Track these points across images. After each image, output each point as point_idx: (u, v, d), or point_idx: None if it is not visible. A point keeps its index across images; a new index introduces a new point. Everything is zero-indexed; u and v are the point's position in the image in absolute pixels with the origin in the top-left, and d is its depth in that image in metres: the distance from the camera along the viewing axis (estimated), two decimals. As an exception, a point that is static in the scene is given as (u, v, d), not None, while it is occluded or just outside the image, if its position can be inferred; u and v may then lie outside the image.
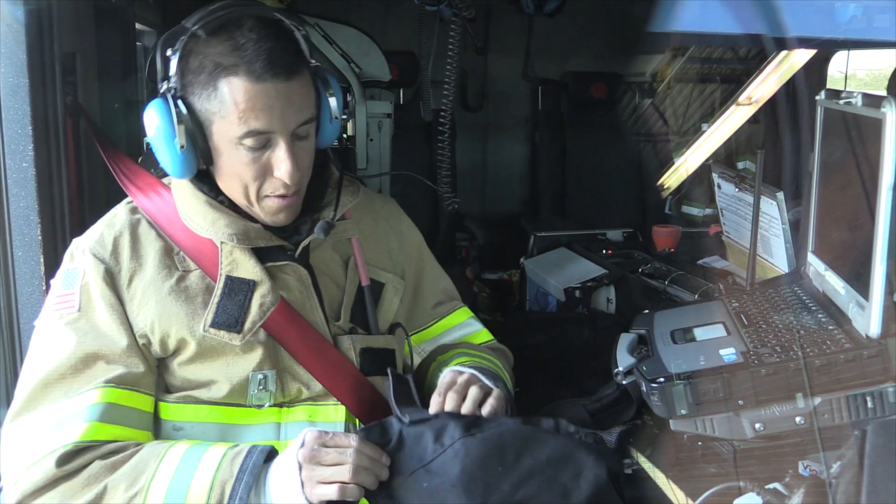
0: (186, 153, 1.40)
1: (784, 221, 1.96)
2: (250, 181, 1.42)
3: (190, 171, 1.44)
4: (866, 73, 4.37)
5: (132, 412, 1.40)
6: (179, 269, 1.48)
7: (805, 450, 1.33)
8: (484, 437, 1.30)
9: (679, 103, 4.30)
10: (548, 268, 2.92)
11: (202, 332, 1.43)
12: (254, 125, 1.36)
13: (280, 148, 1.40)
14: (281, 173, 1.41)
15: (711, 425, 1.36)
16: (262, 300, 1.46)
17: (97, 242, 1.48)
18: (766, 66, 3.22)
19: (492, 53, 4.24)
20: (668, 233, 2.95)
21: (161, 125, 1.39)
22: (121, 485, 1.31)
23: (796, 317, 1.47)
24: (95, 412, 1.35)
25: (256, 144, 1.39)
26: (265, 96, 1.35)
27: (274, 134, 1.39)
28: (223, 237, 1.46)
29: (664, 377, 1.38)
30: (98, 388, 1.37)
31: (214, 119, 1.38)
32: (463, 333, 1.78)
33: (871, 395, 1.27)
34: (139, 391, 1.42)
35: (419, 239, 1.80)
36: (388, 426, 1.35)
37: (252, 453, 1.32)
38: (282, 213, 1.48)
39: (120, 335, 1.42)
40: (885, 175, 1.20)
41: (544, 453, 1.31)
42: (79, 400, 1.36)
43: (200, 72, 1.37)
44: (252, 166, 1.41)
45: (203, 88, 1.37)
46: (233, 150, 1.40)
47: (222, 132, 1.39)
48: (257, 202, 1.45)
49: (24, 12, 1.67)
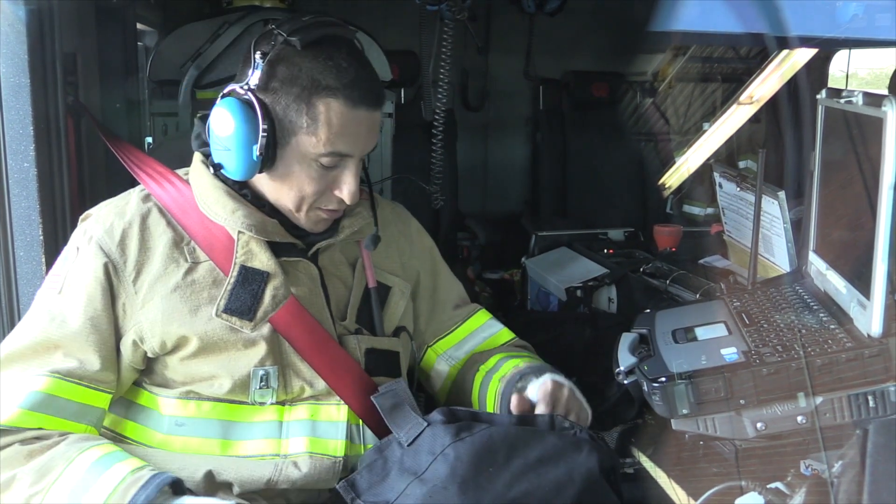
0: (258, 160, 1.42)
1: (785, 220, 1.96)
2: (309, 194, 1.47)
3: (252, 175, 1.46)
4: (867, 72, 4.36)
5: (73, 405, 1.41)
6: (188, 261, 1.49)
7: (807, 449, 1.33)
8: (473, 441, 1.31)
9: (680, 102, 4.29)
10: (549, 267, 2.92)
11: (212, 316, 1.44)
12: (339, 147, 1.43)
13: (349, 170, 1.46)
14: (343, 194, 1.47)
15: (713, 425, 1.37)
16: (275, 292, 1.48)
17: (106, 233, 1.48)
18: (767, 65, 3.22)
19: (493, 53, 4.23)
20: (669, 232, 2.94)
21: (242, 128, 1.41)
22: (27, 478, 1.32)
23: (798, 316, 1.47)
24: (30, 400, 1.37)
25: (331, 164, 1.44)
26: (356, 123, 1.43)
27: (350, 158, 1.45)
28: (242, 227, 1.48)
29: (666, 377, 1.38)
30: (44, 376, 1.39)
31: (299, 133, 1.42)
32: (487, 335, 1.79)
33: (872, 395, 1.27)
34: (88, 386, 1.42)
35: (430, 244, 1.81)
36: (388, 456, 1.38)
37: (149, 485, 1.28)
38: (323, 223, 1.54)
39: (81, 327, 1.43)
40: (886, 174, 1.20)
41: (535, 452, 1.31)
42: (23, 382, 1.38)
43: (293, 83, 1.40)
44: (318, 182, 1.46)
45: (295, 101, 1.41)
46: (305, 164, 1.44)
47: (302, 146, 1.43)
48: (307, 212, 1.50)
49: (26, 12, 1.67)
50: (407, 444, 1.37)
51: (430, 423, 1.38)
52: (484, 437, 1.32)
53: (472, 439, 1.32)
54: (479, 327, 1.79)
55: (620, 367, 1.51)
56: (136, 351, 1.46)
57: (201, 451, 1.46)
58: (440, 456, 1.30)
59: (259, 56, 1.41)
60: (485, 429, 1.34)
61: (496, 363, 1.65)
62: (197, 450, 1.46)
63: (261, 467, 1.44)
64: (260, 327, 1.47)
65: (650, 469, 1.53)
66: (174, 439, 1.47)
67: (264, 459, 1.46)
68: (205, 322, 1.44)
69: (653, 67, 4.28)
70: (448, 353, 1.75)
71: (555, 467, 1.30)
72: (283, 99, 1.41)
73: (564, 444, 1.35)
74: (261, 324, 1.46)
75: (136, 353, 1.47)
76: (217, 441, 1.47)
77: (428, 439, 1.35)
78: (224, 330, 1.45)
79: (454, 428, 1.34)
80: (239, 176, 1.46)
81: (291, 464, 1.46)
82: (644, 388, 1.44)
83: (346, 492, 1.34)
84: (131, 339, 1.45)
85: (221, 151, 1.45)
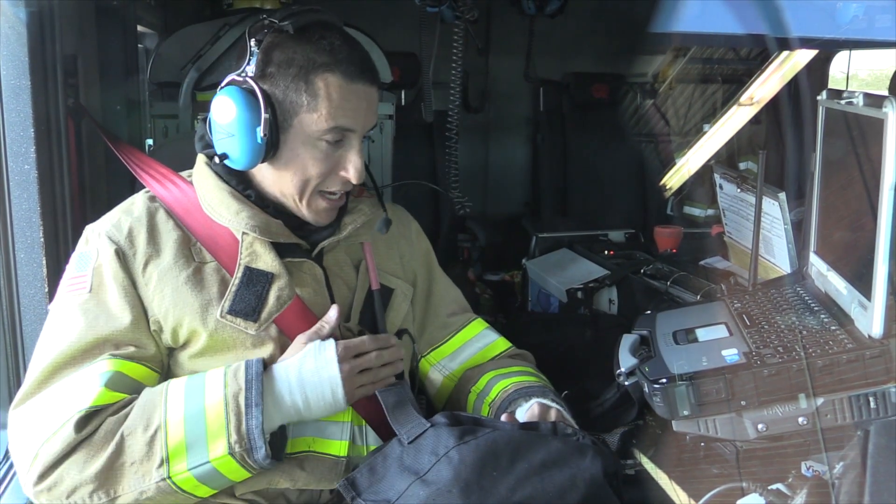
0: (262, 143, 1.44)
1: (786, 222, 1.96)
2: (315, 176, 1.48)
3: (257, 162, 1.47)
4: (868, 73, 4.36)
5: (138, 384, 1.42)
6: (196, 261, 1.50)
7: (808, 450, 1.33)
8: (478, 444, 1.31)
9: (681, 104, 4.29)
10: (550, 269, 2.92)
11: (218, 318, 1.45)
12: (342, 121, 1.45)
13: (354, 148, 1.48)
14: (349, 171, 1.48)
15: (714, 426, 1.37)
16: (279, 293, 1.49)
17: (114, 226, 1.50)
18: (767, 66, 3.22)
19: (493, 54, 4.23)
20: (669, 233, 2.94)
21: (245, 113, 1.43)
22: (137, 428, 1.34)
23: (798, 317, 1.47)
24: (105, 379, 1.38)
25: (335, 139, 1.46)
26: (355, 97, 1.45)
27: (353, 133, 1.47)
28: (246, 228, 1.49)
29: (666, 378, 1.38)
30: (106, 359, 1.40)
31: (301, 112, 1.44)
32: (481, 345, 1.79)
33: (873, 396, 1.27)
34: (147, 366, 1.44)
35: (428, 247, 1.82)
36: (388, 453, 1.38)
37: (250, 365, 1.39)
38: (325, 213, 1.54)
39: (128, 316, 1.44)
40: (886, 175, 1.20)
41: (538, 456, 1.31)
42: (89, 370, 1.39)
43: (290, 65, 1.43)
44: (324, 162, 1.47)
45: (294, 82, 1.43)
46: (309, 145, 1.46)
47: (306, 125, 1.45)
48: (310, 198, 1.50)
49: (26, 14, 1.67)
50: (408, 441, 1.37)
51: (433, 425, 1.38)
52: (488, 440, 1.32)
53: (477, 442, 1.31)
54: (473, 337, 1.79)
55: (621, 368, 1.51)
56: (158, 338, 1.48)
57: None
58: (444, 458, 1.30)
59: (254, 44, 1.44)
60: (489, 432, 1.34)
61: (486, 385, 1.66)
62: None
63: (263, 466, 1.45)
64: (265, 328, 1.47)
65: (651, 470, 1.53)
66: None
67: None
68: (214, 320, 1.46)
69: (653, 69, 4.28)
70: (442, 363, 1.76)
71: (559, 472, 1.29)
72: (282, 82, 1.44)
73: (568, 449, 1.35)
74: (265, 325, 1.47)
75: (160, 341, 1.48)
76: None
77: (431, 440, 1.35)
78: (232, 329, 1.46)
79: (458, 431, 1.34)
80: (244, 163, 1.46)
81: (294, 463, 1.46)
82: (645, 389, 1.43)
83: (346, 490, 1.34)
84: (152, 328, 1.47)
85: (225, 139, 1.46)
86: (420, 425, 1.39)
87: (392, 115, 2.83)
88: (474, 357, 1.77)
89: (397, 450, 1.38)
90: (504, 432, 1.36)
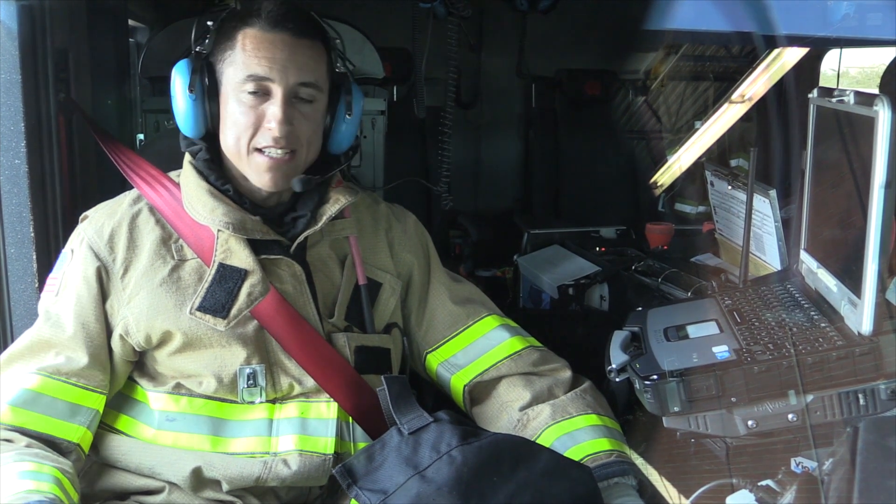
0: (197, 105, 1.49)
1: (776, 219, 1.96)
2: (243, 130, 1.48)
3: (199, 127, 1.51)
4: (858, 70, 4.37)
5: (61, 404, 1.44)
6: (175, 259, 1.51)
7: (797, 447, 1.34)
8: (480, 446, 1.30)
9: (672, 101, 4.30)
10: (541, 265, 2.93)
11: (188, 315, 1.46)
12: (255, 69, 1.46)
13: (273, 100, 1.47)
14: (271, 124, 1.46)
15: (704, 422, 1.37)
16: (251, 289, 1.48)
17: (96, 233, 1.52)
18: (759, 64, 3.23)
19: (486, 50, 4.23)
20: (661, 230, 2.94)
21: (179, 78, 1.49)
22: None
23: (788, 314, 1.48)
24: (18, 397, 1.42)
25: (255, 90, 1.46)
26: (270, 45, 1.46)
27: (272, 84, 1.46)
28: (220, 225, 1.49)
29: (657, 374, 1.38)
30: (34, 374, 1.44)
31: (225, 68, 1.49)
32: (491, 344, 1.66)
33: (863, 393, 1.28)
34: (77, 385, 1.46)
35: (427, 239, 1.76)
36: (387, 440, 1.37)
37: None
38: (269, 174, 1.50)
39: (73, 328, 1.48)
40: (877, 173, 1.20)
41: (539, 465, 1.30)
42: (18, 380, 1.44)
43: (223, 31, 1.50)
44: (248, 114, 1.47)
45: (223, 42, 1.49)
46: (234, 98, 1.48)
47: (229, 78, 1.48)
48: (247, 156, 1.50)
49: (17, 9, 1.67)
50: (408, 432, 1.36)
51: (436, 420, 1.37)
52: (491, 443, 1.31)
53: (480, 444, 1.30)
54: (483, 335, 1.67)
55: (612, 364, 1.51)
56: (124, 345, 1.49)
57: (191, 447, 1.47)
58: (445, 456, 1.29)
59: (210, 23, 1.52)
60: (492, 435, 1.35)
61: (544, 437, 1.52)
62: (187, 446, 1.47)
63: (250, 465, 1.45)
64: (240, 324, 1.47)
65: (641, 467, 1.53)
66: (165, 434, 1.48)
67: (254, 457, 1.46)
68: (188, 318, 1.46)
69: (645, 66, 4.29)
70: (449, 360, 1.66)
71: (557, 483, 1.29)
72: (217, 48, 1.50)
73: (567, 460, 1.36)
74: (235, 321, 1.47)
75: (124, 347, 1.50)
76: (207, 437, 1.48)
77: (433, 435, 1.34)
78: (205, 327, 1.46)
79: (461, 430, 1.33)
80: (190, 127, 1.51)
81: (281, 461, 1.46)
82: (636, 385, 1.44)
83: (342, 477, 1.32)
84: (118, 333, 1.49)
85: (176, 111, 1.52)
86: (422, 418, 1.38)
87: (384, 111, 2.83)
88: (483, 357, 1.65)
89: (396, 438, 1.36)
90: (507, 436, 1.36)
